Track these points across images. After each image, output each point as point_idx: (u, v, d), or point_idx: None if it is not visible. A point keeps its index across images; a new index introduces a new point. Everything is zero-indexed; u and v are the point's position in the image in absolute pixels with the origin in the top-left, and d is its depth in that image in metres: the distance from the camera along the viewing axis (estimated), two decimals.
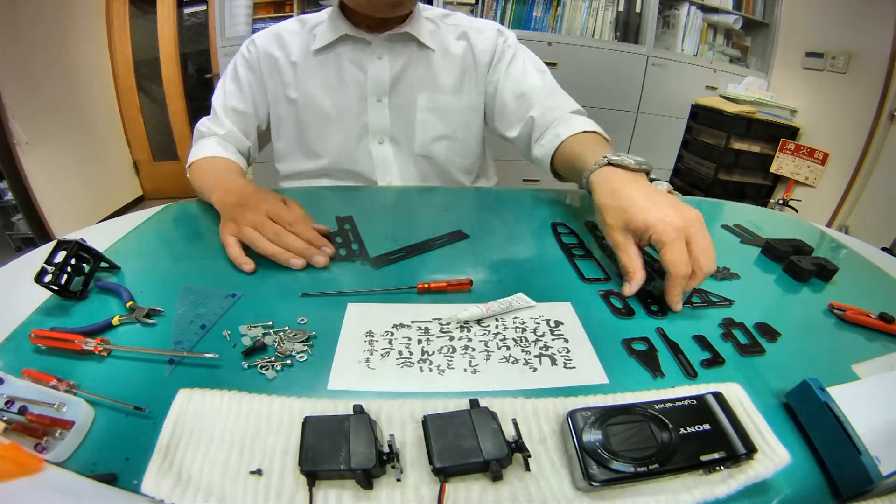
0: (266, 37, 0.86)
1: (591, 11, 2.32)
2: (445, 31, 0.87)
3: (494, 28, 0.89)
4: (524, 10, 2.31)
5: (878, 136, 1.99)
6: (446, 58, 0.86)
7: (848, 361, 0.43)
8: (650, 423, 0.32)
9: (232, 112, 0.86)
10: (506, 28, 0.91)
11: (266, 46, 0.85)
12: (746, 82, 2.47)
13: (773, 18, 2.47)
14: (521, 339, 0.44)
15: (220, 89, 0.88)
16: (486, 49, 0.87)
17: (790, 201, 2.34)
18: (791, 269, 0.59)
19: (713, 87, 2.53)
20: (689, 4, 2.39)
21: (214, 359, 0.40)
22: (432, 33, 0.86)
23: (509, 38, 0.89)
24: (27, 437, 0.32)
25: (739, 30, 2.52)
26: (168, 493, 0.29)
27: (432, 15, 0.88)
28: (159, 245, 0.64)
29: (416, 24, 0.83)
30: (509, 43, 0.88)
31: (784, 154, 2.35)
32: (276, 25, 0.87)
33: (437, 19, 0.88)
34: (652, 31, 2.35)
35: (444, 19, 0.88)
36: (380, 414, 0.35)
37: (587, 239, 0.65)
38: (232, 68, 0.87)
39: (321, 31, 0.83)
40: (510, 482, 0.31)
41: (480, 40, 0.87)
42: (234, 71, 0.87)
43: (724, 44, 2.58)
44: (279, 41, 0.85)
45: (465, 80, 0.88)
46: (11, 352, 0.41)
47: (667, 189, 0.59)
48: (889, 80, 1.94)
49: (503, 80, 0.87)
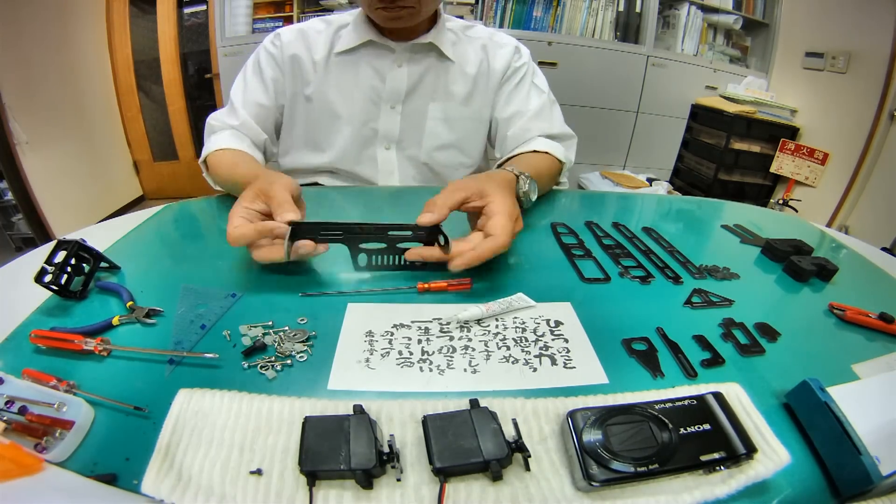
0: (291, 33, 0.86)
1: (591, 11, 2.32)
2: (466, 42, 0.88)
3: (512, 45, 0.90)
4: (524, 10, 2.32)
5: (878, 136, 1.99)
6: (463, 69, 0.87)
7: (848, 361, 0.43)
8: (650, 423, 0.32)
9: (255, 106, 0.85)
10: (522, 45, 0.92)
11: (291, 43, 0.85)
12: (746, 82, 2.47)
13: (773, 18, 2.47)
14: (521, 339, 0.44)
15: (240, 82, 0.87)
16: (500, 65, 0.88)
17: (790, 201, 2.34)
18: (791, 269, 0.59)
19: (713, 87, 2.53)
20: (689, 4, 2.39)
21: (214, 359, 0.40)
22: (454, 45, 0.87)
23: (524, 57, 0.91)
24: (27, 437, 0.32)
25: (739, 30, 2.52)
26: (168, 493, 0.29)
27: (454, 26, 0.89)
28: (159, 245, 0.64)
29: (440, 35, 0.84)
30: (522, 61, 0.90)
31: (784, 154, 2.35)
32: (302, 23, 0.88)
33: (458, 30, 0.89)
34: (652, 31, 2.36)
35: (466, 31, 0.90)
36: (380, 414, 0.35)
37: (587, 238, 0.66)
38: (255, 62, 0.87)
39: (346, 34, 0.84)
40: (510, 482, 0.31)
41: (497, 55, 0.88)
42: (256, 65, 0.87)
43: (724, 44, 2.58)
44: (304, 39, 0.85)
45: (476, 91, 0.89)
46: (11, 352, 0.41)
47: (666, 190, 0.59)
48: (889, 80, 1.94)
49: (504, 101, 0.89)
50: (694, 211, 0.88)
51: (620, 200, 0.97)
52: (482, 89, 0.89)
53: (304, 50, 0.85)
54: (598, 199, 1.05)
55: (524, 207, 0.66)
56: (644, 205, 0.89)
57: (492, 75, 0.89)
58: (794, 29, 2.39)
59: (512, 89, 0.89)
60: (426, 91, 0.87)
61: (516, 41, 0.92)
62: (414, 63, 0.85)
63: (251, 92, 0.86)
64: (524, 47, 0.92)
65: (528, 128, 0.87)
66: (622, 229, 0.69)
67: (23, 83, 1.99)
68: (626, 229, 0.69)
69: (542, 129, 0.87)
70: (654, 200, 0.97)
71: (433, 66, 0.86)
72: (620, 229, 0.69)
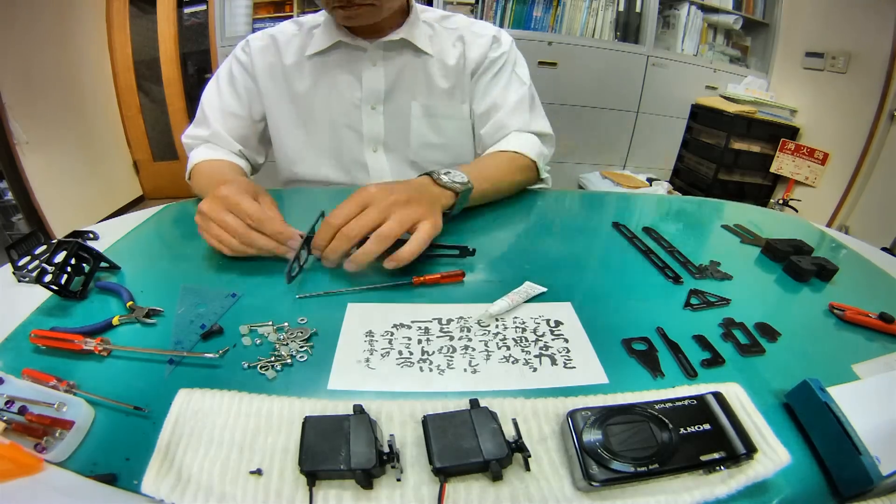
0: (261, 40, 0.83)
1: (591, 11, 2.32)
2: (443, 35, 0.85)
3: (490, 34, 0.85)
4: (524, 10, 2.32)
5: (878, 136, 1.99)
6: (442, 63, 0.84)
7: (848, 361, 0.43)
8: (650, 423, 0.32)
9: (228, 116, 0.83)
10: (504, 33, 0.87)
11: (261, 50, 0.83)
12: (746, 82, 2.47)
13: (773, 18, 2.47)
14: (521, 338, 0.44)
15: (212, 91, 0.85)
16: (475, 57, 0.84)
17: (790, 201, 2.34)
18: (791, 269, 0.59)
19: (713, 87, 2.53)
20: (689, 4, 2.39)
21: (214, 359, 0.40)
22: (430, 38, 0.83)
23: (503, 45, 0.86)
24: (27, 437, 0.32)
25: (739, 30, 2.52)
26: (168, 493, 0.29)
27: (430, 18, 0.85)
28: (159, 245, 0.64)
29: (412, 30, 0.81)
30: (502, 51, 0.85)
31: (784, 154, 2.35)
32: (272, 28, 0.85)
33: (434, 22, 0.85)
34: (652, 31, 2.36)
35: (443, 22, 0.86)
36: (380, 414, 0.35)
37: (586, 238, 0.65)
38: (226, 71, 0.85)
39: (318, 35, 0.81)
40: (510, 482, 0.31)
41: (473, 47, 0.84)
42: (228, 73, 0.84)
43: (724, 44, 2.58)
44: (274, 45, 0.83)
45: (458, 85, 0.86)
46: (11, 352, 0.41)
47: (666, 190, 0.59)
48: (889, 80, 1.94)
49: (481, 94, 0.86)
50: (694, 211, 0.88)
51: (620, 200, 0.97)
52: (461, 83, 0.85)
53: (274, 56, 0.82)
54: (597, 198, 1.05)
55: (457, 192, 0.63)
56: (644, 205, 0.89)
57: (467, 69, 0.84)
58: (794, 29, 2.39)
59: (489, 81, 0.85)
60: (406, 88, 0.84)
61: (497, 29, 0.87)
62: (389, 61, 0.82)
63: (225, 102, 0.84)
64: (506, 35, 0.87)
65: (504, 124, 0.83)
66: (622, 230, 0.69)
67: (23, 83, 1.99)
68: (627, 229, 0.69)
69: (519, 125, 0.83)
70: (654, 200, 0.97)
71: (410, 62, 0.83)
72: (621, 230, 0.69)
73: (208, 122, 0.83)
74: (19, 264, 0.53)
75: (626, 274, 0.58)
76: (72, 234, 0.59)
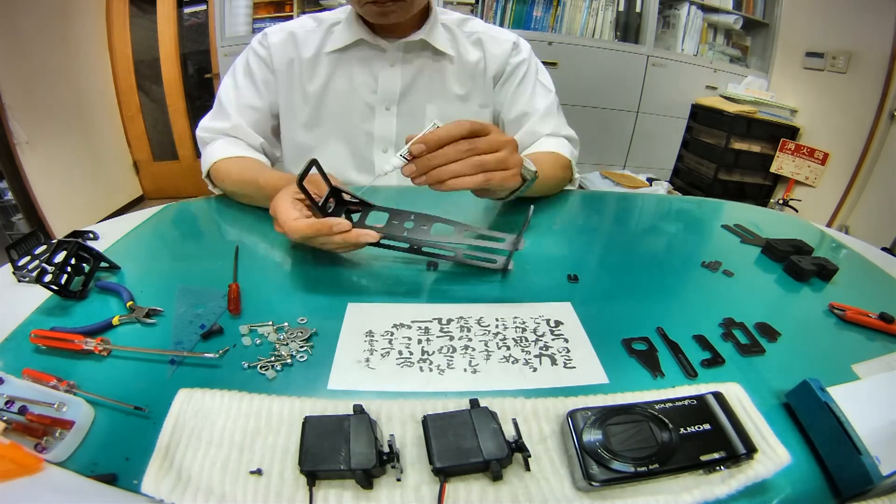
0: (279, 34, 0.83)
1: (591, 11, 2.32)
2: (461, 38, 0.85)
3: (510, 40, 0.86)
4: (524, 10, 2.31)
5: (878, 136, 1.99)
6: (460, 66, 0.84)
7: (848, 361, 0.43)
8: (650, 423, 0.32)
9: (248, 109, 0.83)
10: (522, 40, 0.89)
11: (280, 44, 0.82)
12: (746, 82, 2.47)
13: (773, 18, 2.47)
14: (521, 338, 0.44)
15: (230, 85, 0.84)
16: (495, 62, 0.85)
17: (790, 201, 2.34)
18: (791, 268, 0.59)
19: (713, 86, 2.53)
20: (689, 4, 2.39)
21: (214, 359, 0.40)
22: (449, 41, 0.84)
23: (523, 52, 0.87)
24: (27, 437, 0.32)
25: (739, 30, 2.52)
26: (168, 492, 0.29)
27: (448, 21, 0.86)
28: (159, 245, 0.64)
29: (432, 31, 0.81)
30: (522, 58, 0.86)
31: (784, 154, 2.34)
32: (290, 23, 0.84)
33: (453, 26, 0.86)
34: (652, 30, 2.35)
35: (461, 26, 0.86)
36: (380, 414, 0.35)
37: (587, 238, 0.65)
38: (243, 64, 0.84)
39: (338, 32, 0.81)
40: (510, 482, 0.31)
41: (494, 51, 0.85)
42: (246, 66, 0.84)
43: (724, 44, 2.58)
44: (293, 39, 0.82)
45: (475, 89, 0.86)
46: (11, 352, 0.41)
47: (666, 190, 0.59)
48: (889, 80, 1.94)
49: (509, 102, 0.87)
50: (694, 211, 0.88)
51: (620, 200, 0.97)
52: (480, 87, 0.86)
53: (293, 51, 0.82)
54: (597, 198, 1.05)
55: (525, 179, 0.62)
56: (644, 205, 0.89)
57: (487, 73, 0.86)
58: (794, 29, 2.39)
59: (515, 88, 0.86)
60: (422, 91, 0.84)
61: (515, 36, 0.87)
62: (407, 62, 0.82)
63: (244, 96, 0.83)
64: (524, 42, 0.88)
65: (536, 130, 0.85)
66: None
67: (23, 83, 1.98)
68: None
69: (550, 131, 0.85)
70: (654, 200, 0.97)
71: (427, 64, 0.83)
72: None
73: (228, 115, 0.82)
74: (19, 264, 0.53)
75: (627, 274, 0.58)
76: (72, 234, 0.59)
